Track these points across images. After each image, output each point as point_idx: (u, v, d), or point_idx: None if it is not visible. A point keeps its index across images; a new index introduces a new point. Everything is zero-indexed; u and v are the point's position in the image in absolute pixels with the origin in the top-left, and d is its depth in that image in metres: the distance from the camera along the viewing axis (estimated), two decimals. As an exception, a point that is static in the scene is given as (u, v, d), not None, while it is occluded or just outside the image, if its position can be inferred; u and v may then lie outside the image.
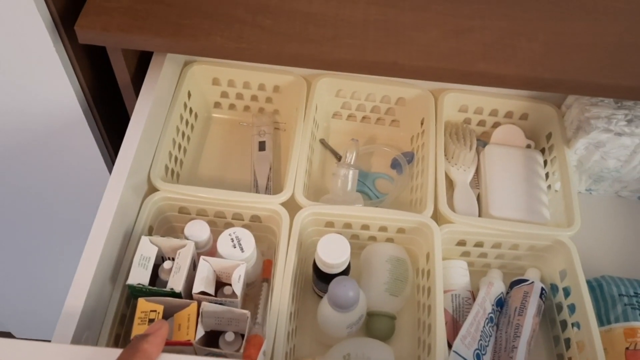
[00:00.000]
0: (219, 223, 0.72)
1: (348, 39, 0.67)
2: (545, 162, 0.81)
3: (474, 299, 0.70)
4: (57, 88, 0.71)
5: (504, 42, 0.68)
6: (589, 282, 0.70)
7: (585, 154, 0.78)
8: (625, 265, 0.77)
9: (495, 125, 0.85)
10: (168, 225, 0.72)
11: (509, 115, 0.84)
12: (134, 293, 0.60)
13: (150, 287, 0.59)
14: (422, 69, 0.65)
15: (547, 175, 0.80)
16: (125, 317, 0.63)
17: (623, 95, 0.70)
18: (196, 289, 0.59)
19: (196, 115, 0.85)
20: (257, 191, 0.78)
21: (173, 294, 0.59)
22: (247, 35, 0.66)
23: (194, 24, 0.66)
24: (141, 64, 0.74)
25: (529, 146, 0.83)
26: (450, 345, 0.63)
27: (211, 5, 0.68)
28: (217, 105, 0.87)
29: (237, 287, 0.60)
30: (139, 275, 0.60)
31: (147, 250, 0.61)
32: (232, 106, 0.87)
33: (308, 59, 0.65)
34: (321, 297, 0.69)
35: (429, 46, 0.67)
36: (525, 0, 0.73)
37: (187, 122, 0.82)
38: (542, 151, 0.83)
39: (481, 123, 0.85)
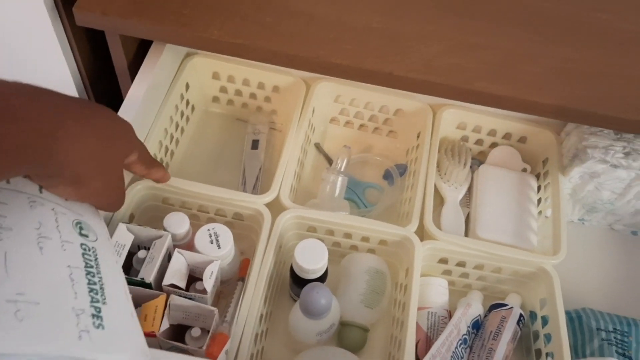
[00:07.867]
0: (201, 217, 0.72)
1: (348, 44, 0.66)
2: (539, 188, 0.80)
3: (451, 319, 0.69)
4: (53, 67, 0.71)
5: (507, 63, 0.67)
6: (568, 313, 0.69)
7: (579, 183, 0.76)
8: (608, 299, 0.75)
9: (493, 145, 0.84)
10: (150, 214, 0.71)
11: (507, 136, 0.83)
12: (104, 279, 0.60)
13: (121, 275, 0.58)
14: (418, 82, 0.64)
15: (539, 200, 0.79)
16: (95, 302, 0.62)
17: (623, 128, 0.68)
18: (167, 280, 0.58)
19: (193, 108, 0.85)
20: (244, 189, 0.78)
21: (143, 284, 0.58)
22: (246, 31, 0.65)
23: (194, 15, 0.66)
24: (140, 50, 0.74)
25: (524, 170, 0.82)
26: (419, 364, 0.62)
27: (215, -2, 0.68)
28: (215, 99, 0.87)
29: (208, 283, 0.59)
30: (112, 262, 0.59)
31: (122, 237, 0.61)
32: (230, 102, 0.87)
33: (304, 60, 0.65)
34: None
35: (429, 60, 0.66)
36: (535, 24, 0.72)
37: (182, 114, 0.81)
38: (537, 176, 0.81)
39: (479, 142, 0.84)
